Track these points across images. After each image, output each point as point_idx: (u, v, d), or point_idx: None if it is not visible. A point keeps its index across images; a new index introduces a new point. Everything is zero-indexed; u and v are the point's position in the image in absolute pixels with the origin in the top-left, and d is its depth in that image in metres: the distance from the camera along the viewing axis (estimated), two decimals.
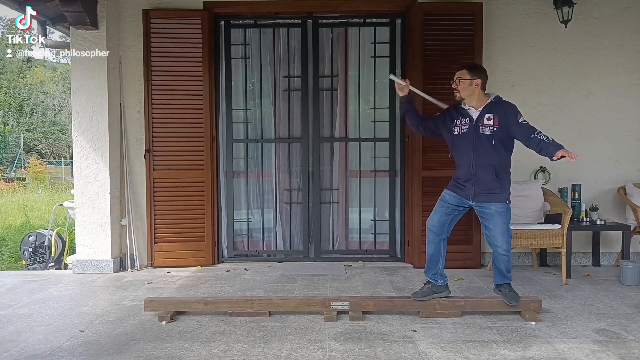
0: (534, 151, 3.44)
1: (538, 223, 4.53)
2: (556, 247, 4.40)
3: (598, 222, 4.74)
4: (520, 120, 3.44)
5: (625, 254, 4.66)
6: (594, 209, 4.82)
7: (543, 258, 5.06)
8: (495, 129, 3.42)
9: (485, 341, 3.09)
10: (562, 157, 3.26)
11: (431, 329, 3.30)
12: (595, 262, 5.08)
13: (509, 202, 3.49)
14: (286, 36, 5.29)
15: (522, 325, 3.35)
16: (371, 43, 5.24)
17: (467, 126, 3.47)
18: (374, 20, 5.27)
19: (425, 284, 3.64)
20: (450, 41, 4.85)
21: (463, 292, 4.15)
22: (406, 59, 5.08)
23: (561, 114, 5.09)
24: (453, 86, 3.52)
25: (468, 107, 3.50)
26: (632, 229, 4.77)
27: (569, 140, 5.07)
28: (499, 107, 3.47)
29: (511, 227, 4.33)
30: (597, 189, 5.12)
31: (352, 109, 5.31)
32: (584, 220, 4.81)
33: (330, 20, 5.27)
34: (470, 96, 3.48)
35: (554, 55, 5.05)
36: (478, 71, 3.50)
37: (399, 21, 5.18)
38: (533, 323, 3.38)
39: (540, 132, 3.41)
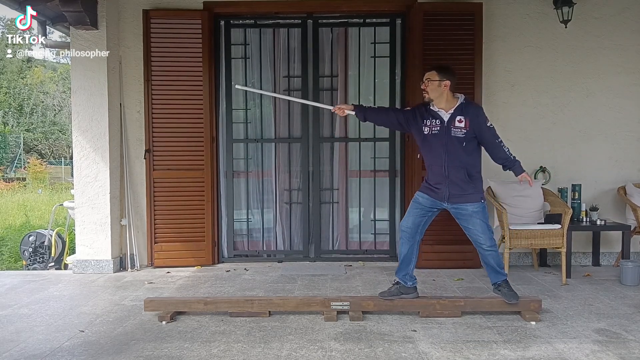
0: (533, 151, 3.46)
1: (538, 223, 4.53)
2: (556, 247, 4.40)
3: (598, 222, 4.74)
4: (488, 125, 3.48)
5: (625, 254, 4.66)
6: (594, 209, 4.82)
7: (543, 258, 5.06)
8: (466, 131, 3.42)
9: (485, 341, 3.09)
10: (526, 179, 3.52)
11: (431, 329, 3.30)
12: (595, 262, 5.08)
13: (484, 200, 3.52)
14: (286, 36, 5.29)
15: (522, 325, 3.35)
16: (371, 43, 5.24)
17: (438, 128, 3.46)
18: (374, 20, 5.27)
19: (394, 284, 3.66)
20: (450, 41, 4.85)
21: (463, 292, 4.15)
22: (406, 59, 5.09)
23: (561, 114, 5.09)
24: (422, 87, 3.53)
25: (438, 109, 3.49)
26: (632, 229, 4.77)
27: (569, 140, 5.11)
28: (469, 109, 3.47)
29: (511, 227, 4.38)
30: (597, 189, 5.12)
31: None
32: (584, 220, 4.81)
33: (330, 20, 5.27)
34: (439, 97, 3.47)
35: (554, 55, 5.05)
36: (447, 73, 3.47)
37: (399, 21, 5.18)
38: (533, 323, 3.38)
39: (502, 142, 3.51)
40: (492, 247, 3.50)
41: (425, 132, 3.49)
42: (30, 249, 6.15)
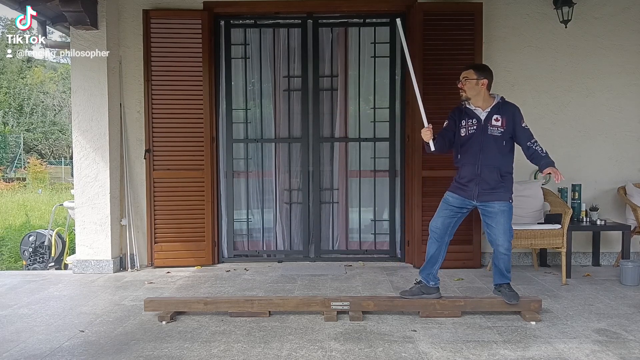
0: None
1: (538, 223, 4.53)
2: (556, 247, 4.40)
3: (598, 222, 4.74)
4: (523, 125, 3.51)
5: (625, 254, 4.66)
6: (594, 209, 4.82)
7: (543, 258, 5.06)
8: (503, 130, 3.44)
9: (485, 341, 3.09)
10: (549, 173, 3.44)
11: (431, 329, 3.30)
12: (595, 262, 5.08)
13: (512, 201, 3.51)
14: (286, 36, 5.29)
15: (522, 325, 3.35)
16: (371, 43, 5.24)
17: (475, 127, 3.47)
18: (374, 20, 5.27)
19: (416, 283, 3.66)
20: (450, 41, 4.85)
21: (463, 292, 4.15)
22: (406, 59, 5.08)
23: (561, 114, 5.09)
24: (459, 86, 3.52)
25: (475, 108, 3.51)
26: (632, 229, 4.77)
27: (569, 140, 5.11)
28: (506, 108, 3.49)
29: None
30: (597, 189, 5.12)
31: (352, 109, 5.32)
32: (584, 220, 4.81)
33: (330, 20, 5.27)
34: (476, 96, 3.48)
35: (554, 55, 5.05)
36: (485, 71, 3.51)
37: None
38: (533, 323, 3.38)
39: (536, 142, 3.51)
40: (508, 250, 3.49)
41: (462, 134, 3.50)
42: (30, 249, 6.15)
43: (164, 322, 3.45)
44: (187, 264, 5.01)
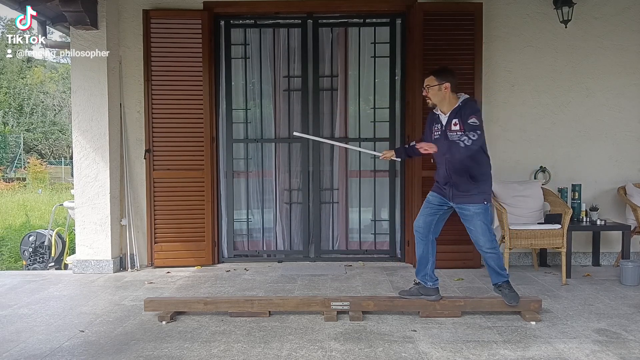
0: (533, 151, 3.43)
1: (538, 223, 4.53)
2: (556, 247, 4.40)
3: (598, 222, 4.74)
4: (470, 121, 3.30)
5: (625, 254, 4.66)
6: (594, 209, 4.82)
7: (543, 258, 5.06)
8: (461, 134, 3.33)
9: (485, 341, 3.09)
10: (425, 149, 3.30)
11: (431, 329, 3.30)
12: (595, 262, 5.08)
13: (487, 202, 3.46)
14: (286, 36, 5.29)
15: (522, 325, 3.35)
16: (371, 43, 5.24)
17: (439, 132, 3.46)
18: (374, 20, 5.27)
19: (414, 284, 3.66)
20: (450, 41, 4.85)
21: (463, 292, 4.15)
22: (406, 59, 5.08)
23: (561, 114, 5.09)
24: (424, 94, 3.51)
25: (440, 113, 3.49)
26: (632, 229, 4.77)
27: (569, 140, 5.11)
28: (464, 110, 3.38)
29: (511, 227, 4.38)
30: (597, 189, 5.12)
31: (352, 109, 5.32)
32: (584, 220, 4.81)
33: (330, 20, 5.26)
34: (442, 101, 3.45)
35: (554, 55, 5.05)
36: (445, 75, 3.44)
37: (399, 21, 5.18)
38: (533, 323, 3.38)
39: (474, 135, 3.23)
40: (492, 249, 3.48)
41: (432, 139, 3.49)
42: (30, 249, 6.15)
43: (164, 322, 3.45)
44: (187, 264, 5.01)
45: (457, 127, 3.37)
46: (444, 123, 3.44)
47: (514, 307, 3.51)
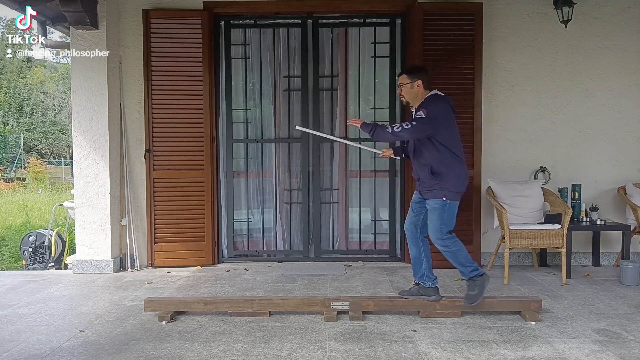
0: (533, 151, 3.41)
1: (538, 223, 4.53)
2: (556, 247, 4.40)
3: (598, 222, 4.74)
4: (417, 113, 3.37)
5: (625, 254, 4.66)
6: (594, 209, 4.82)
7: (543, 258, 5.06)
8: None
9: (485, 341, 3.09)
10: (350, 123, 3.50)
11: (431, 329, 3.30)
12: (595, 262, 5.08)
13: (447, 199, 3.42)
14: (286, 36, 5.29)
15: (522, 325, 3.35)
16: (371, 43, 5.24)
17: None
18: (374, 20, 5.27)
19: (414, 284, 3.67)
20: (450, 41, 4.85)
21: (463, 292, 4.13)
22: (406, 59, 5.08)
23: (561, 114, 5.09)
24: (398, 92, 3.58)
25: (413, 109, 3.55)
26: (632, 229, 4.77)
27: (569, 140, 5.12)
28: (422, 103, 3.44)
29: (511, 227, 4.38)
30: (597, 189, 5.12)
31: (352, 109, 5.31)
32: (584, 220, 4.81)
33: (330, 20, 5.27)
34: (415, 99, 3.50)
35: (554, 55, 5.05)
36: (417, 73, 3.50)
37: (399, 21, 5.18)
38: (533, 323, 3.38)
39: (405, 123, 3.35)
40: (445, 246, 3.47)
41: None
42: (30, 249, 6.15)
43: (164, 322, 3.45)
44: (187, 264, 5.01)
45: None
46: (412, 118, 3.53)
47: (513, 307, 3.53)
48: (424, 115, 3.33)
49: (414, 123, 3.33)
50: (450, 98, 3.53)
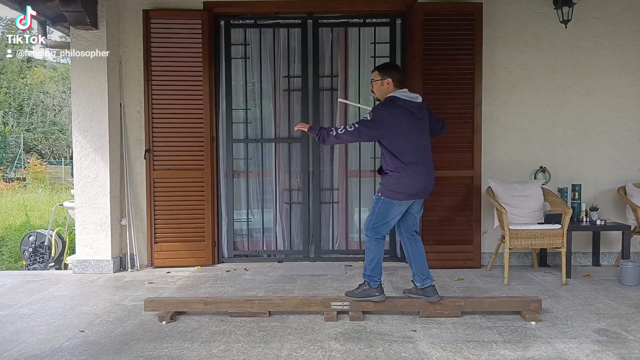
0: (533, 151, 3.40)
1: (538, 223, 4.53)
2: (556, 247, 4.40)
3: (598, 222, 4.74)
4: (363, 116, 3.50)
5: (625, 254, 4.66)
6: (594, 209, 4.82)
7: (543, 258, 5.06)
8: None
9: (485, 341, 3.09)
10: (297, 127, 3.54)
11: (431, 329, 3.30)
12: (595, 262, 5.08)
13: (382, 195, 3.48)
14: (286, 36, 5.29)
15: (522, 325, 3.35)
16: (371, 43, 5.24)
17: None
18: (374, 20, 5.27)
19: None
20: (450, 41, 4.85)
21: (463, 292, 4.15)
22: (406, 59, 5.08)
23: (561, 114, 5.09)
24: (370, 88, 3.64)
25: None
26: (632, 229, 4.77)
27: (569, 140, 5.11)
28: (377, 106, 3.51)
29: (511, 227, 4.38)
30: (597, 189, 5.12)
31: (352, 109, 5.31)
32: (584, 220, 4.81)
33: (330, 20, 5.27)
34: (384, 96, 3.55)
35: (554, 55, 5.05)
36: (388, 71, 3.54)
37: (399, 21, 5.18)
38: (533, 323, 3.38)
39: (343, 128, 3.42)
40: (366, 236, 3.56)
41: None
42: (30, 249, 6.15)
43: (164, 322, 3.45)
44: (187, 264, 5.01)
45: None
46: None
47: (513, 306, 3.53)
48: (369, 118, 3.39)
49: (356, 126, 3.39)
50: (419, 100, 3.48)
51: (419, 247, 3.60)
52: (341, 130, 3.40)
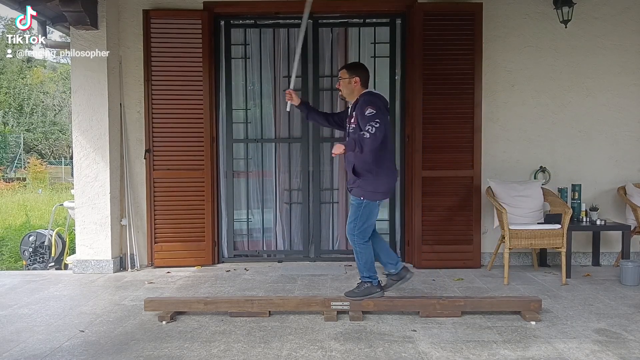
0: (533, 151, 3.40)
1: (538, 223, 4.53)
2: (556, 247, 4.40)
3: (598, 222, 4.74)
4: (366, 113, 3.32)
5: (625, 254, 4.66)
6: (594, 209, 4.82)
7: (543, 258, 5.06)
8: (354, 126, 3.48)
9: (485, 341, 3.09)
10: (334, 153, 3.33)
11: (431, 329, 3.30)
12: (595, 262, 5.08)
13: (364, 198, 3.50)
14: (286, 36, 5.29)
15: (522, 325, 3.35)
16: (371, 43, 5.24)
17: (346, 124, 3.63)
18: (374, 20, 5.27)
19: (385, 275, 3.69)
20: (450, 41, 4.85)
21: (463, 292, 4.15)
22: (406, 59, 5.08)
23: (561, 114, 5.09)
24: (336, 86, 3.66)
25: (349, 105, 3.61)
26: (632, 229, 4.77)
27: (569, 140, 5.11)
28: (360, 103, 3.46)
29: (511, 227, 4.38)
30: (597, 189, 5.12)
31: None
32: (584, 220, 4.81)
33: (330, 20, 5.27)
34: (350, 94, 3.58)
35: (554, 55, 5.05)
36: (356, 70, 3.58)
37: (399, 21, 5.18)
38: (533, 323, 3.38)
39: (372, 128, 3.24)
40: (354, 243, 3.56)
41: (348, 129, 3.61)
42: (30, 249, 6.15)
43: (164, 322, 3.45)
44: (187, 264, 5.01)
45: (353, 120, 3.50)
46: (349, 114, 3.58)
47: (514, 306, 3.53)
48: (375, 111, 3.32)
49: (377, 121, 3.25)
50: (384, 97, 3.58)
51: (380, 239, 3.72)
52: (372, 130, 3.22)
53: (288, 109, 3.80)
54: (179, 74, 4.95)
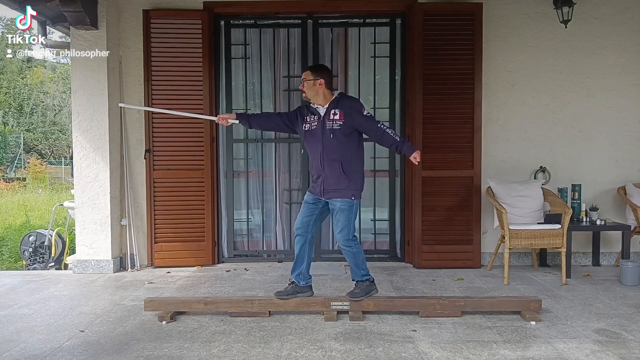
0: (533, 151, 3.40)
1: (538, 223, 4.53)
2: (556, 247, 4.40)
3: (598, 222, 4.74)
4: (365, 113, 3.52)
5: (625, 254, 4.66)
6: (594, 209, 4.82)
7: (543, 258, 5.06)
8: (341, 122, 3.50)
9: (485, 341, 3.09)
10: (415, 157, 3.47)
11: (431, 329, 3.30)
12: (595, 262, 5.08)
13: (355, 198, 3.51)
14: (286, 36, 5.29)
15: (522, 325, 3.35)
16: (371, 43, 5.24)
17: (316, 123, 3.57)
18: (374, 20, 5.27)
19: (289, 283, 3.68)
20: (450, 41, 4.85)
21: (463, 292, 4.15)
22: (406, 59, 5.08)
23: (561, 114, 5.09)
24: (300, 87, 3.66)
25: (316, 106, 3.59)
26: (632, 229, 4.77)
27: (569, 140, 5.11)
28: (343, 102, 3.56)
29: (511, 227, 4.38)
30: (597, 189, 5.12)
31: None
32: (584, 220, 4.81)
33: (330, 20, 5.27)
34: (315, 96, 3.57)
35: (554, 55, 5.05)
36: (321, 71, 3.59)
37: (399, 21, 5.18)
38: (533, 323, 3.38)
39: (384, 125, 3.52)
40: (348, 246, 3.54)
41: (306, 129, 3.60)
42: (30, 249, 6.15)
43: (164, 322, 3.45)
44: (187, 264, 5.01)
45: (337, 117, 3.52)
46: (322, 114, 3.55)
47: (514, 306, 3.53)
48: (368, 111, 3.54)
49: (378, 120, 3.56)
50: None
51: (312, 249, 3.71)
52: (388, 129, 3.52)
53: (228, 125, 3.80)
54: (179, 74, 4.95)
